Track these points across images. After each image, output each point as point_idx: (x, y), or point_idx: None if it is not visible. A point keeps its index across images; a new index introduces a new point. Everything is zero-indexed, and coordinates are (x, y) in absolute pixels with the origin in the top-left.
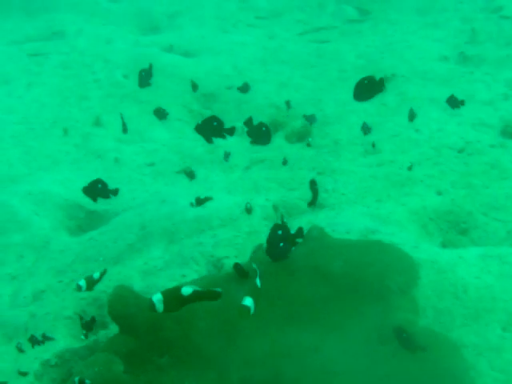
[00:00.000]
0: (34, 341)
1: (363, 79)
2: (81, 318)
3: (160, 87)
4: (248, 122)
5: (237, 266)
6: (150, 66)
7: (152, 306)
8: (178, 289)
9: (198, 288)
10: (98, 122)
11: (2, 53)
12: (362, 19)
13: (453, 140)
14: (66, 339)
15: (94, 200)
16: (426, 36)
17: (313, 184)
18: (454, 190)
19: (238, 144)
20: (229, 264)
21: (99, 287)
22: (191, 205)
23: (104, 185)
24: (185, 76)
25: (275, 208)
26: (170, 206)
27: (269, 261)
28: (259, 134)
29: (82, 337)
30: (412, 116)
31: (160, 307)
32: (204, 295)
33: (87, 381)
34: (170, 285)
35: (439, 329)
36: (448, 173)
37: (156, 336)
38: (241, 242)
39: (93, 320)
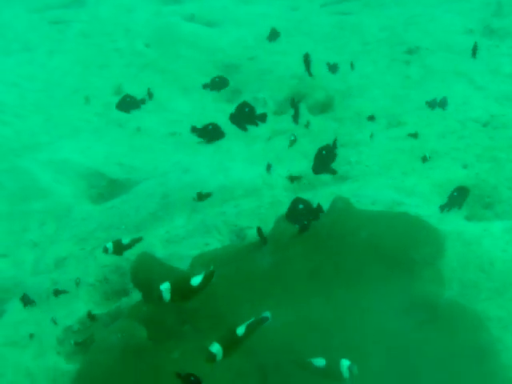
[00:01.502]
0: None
1: (321, 150)
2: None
3: (181, 57)
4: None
5: (259, 230)
6: None
7: (160, 295)
8: (187, 279)
9: (203, 274)
10: (119, 91)
11: (23, 20)
12: None
13: (478, 113)
14: (88, 306)
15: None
16: (451, 9)
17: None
18: (479, 164)
19: None
20: (251, 234)
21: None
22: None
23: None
24: (207, 46)
25: (298, 179)
26: (192, 175)
27: (291, 231)
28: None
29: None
30: (443, 104)
31: (167, 296)
32: (209, 279)
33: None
34: (193, 253)
35: (464, 301)
36: (473, 146)
37: (178, 304)
38: (263, 212)
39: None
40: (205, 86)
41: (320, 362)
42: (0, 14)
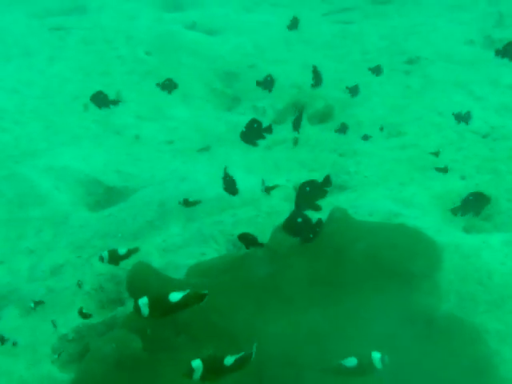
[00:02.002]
0: None
1: (305, 185)
2: None
3: (182, 65)
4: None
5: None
6: None
7: (137, 309)
8: (166, 294)
9: (186, 292)
10: (118, 99)
11: (23, 26)
12: (387, 0)
13: (477, 124)
14: (83, 314)
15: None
16: (452, 19)
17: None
18: (479, 175)
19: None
20: None
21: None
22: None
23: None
24: (208, 54)
25: (296, 189)
26: (189, 183)
27: (289, 241)
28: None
29: None
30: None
31: (145, 311)
32: (192, 300)
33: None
34: (189, 263)
35: (462, 314)
36: (472, 157)
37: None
38: (261, 222)
39: None
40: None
41: (351, 361)
42: (0, 19)
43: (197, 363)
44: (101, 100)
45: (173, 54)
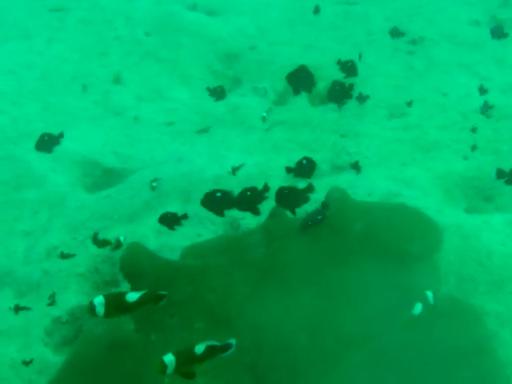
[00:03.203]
0: None
1: (283, 189)
2: None
3: (182, 46)
4: None
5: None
6: None
7: (92, 308)
8: (123, 294)
9: (143, 292)
10: (117, 80)
11: (23, 7)
12: None
13: (481, 105)
14: (77, 296)
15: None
16: None
17: None
18: (481, 156)
19: (259, 105)
20: (245, 224)
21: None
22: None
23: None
24: (208, 35)
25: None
26: (187, 165)
27: (286, 222)
28: None
29: None
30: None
31: (101, 311)
32: (149, 299)
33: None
34: (184, 244)
35: (461, 295)
36: (475, 138)
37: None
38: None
39: None
40: None
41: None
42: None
43: (169, 358)
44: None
45: (173, 35)
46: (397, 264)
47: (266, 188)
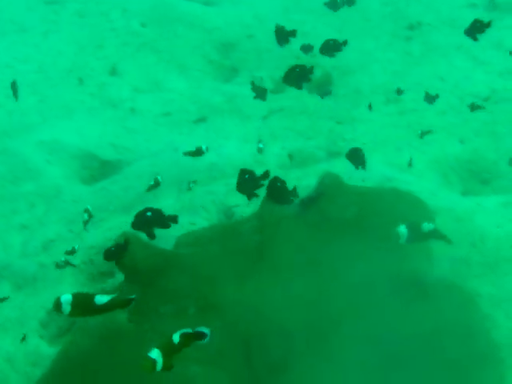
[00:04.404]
0: None
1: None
2: None
3: (179, 36)
4: None
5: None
6: None
7: (58, 305)
8: (91, 296)
9: (112, 296)
10: (114, 71)
11: (18, 0)
12: None
13: (478, 88)
14: (73, 288)
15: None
16: None
17: None
18: (478, 139)
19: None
20: (239, 212)
21: (107, 235)
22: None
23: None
24: (204, 25)
25: (290, 157)
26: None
27: (280, 209)
28: None
29: None
30: None
31: (66, 309)
32: (117, 304)
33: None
34: (178, 233)
35: (455, 278)
36: (472, 121)
37: (161, 284)
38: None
39: None
40: None
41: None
42: None
43: (156, 353)
44: None
45: (169, 25)
46: (390, 247)
47: (267, 174)
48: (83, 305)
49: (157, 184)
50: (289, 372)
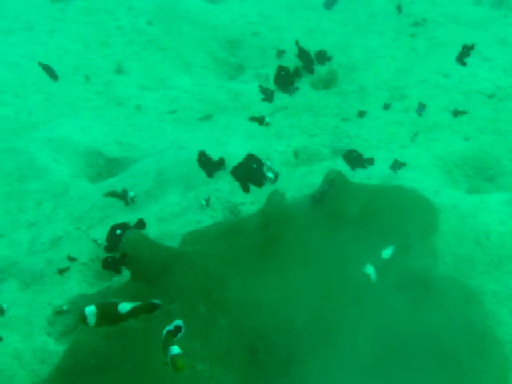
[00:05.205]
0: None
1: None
2: None
3: (184, 34)
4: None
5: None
6: None
7: (83, 318)
8: (115, 304)
9: (136, 303)
10: (119, 69)
11: None
12: None
13: (483, 85)
14: (80, 285)
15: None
16: None
17: None
18: (482, 136)
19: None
20: (245, 210)
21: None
22: None
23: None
24: (210, 22)
25: (295, 154)
26: (188, 152)
27: (285, 206)
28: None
29: None
30: None
31: (92, 320)
32: (142, 310)
33: None
34: (185, 230)
35: (458, 276)
36: (476, 118)
37: (167, 282)
38: (257, 188)
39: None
40: None
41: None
42: None
43: (177, 349)
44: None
45: (174, 23)
46: (394, 245)
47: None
48: (108, 315)
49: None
50: (296, 370)
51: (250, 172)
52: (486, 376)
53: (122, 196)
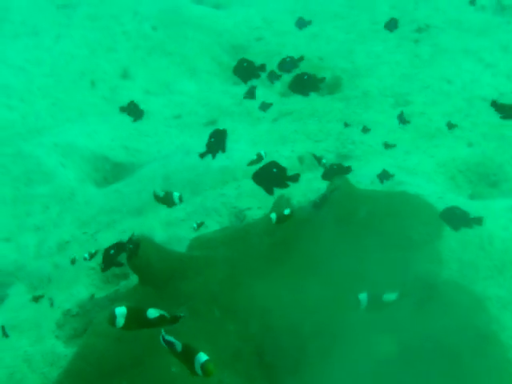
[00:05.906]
0: None
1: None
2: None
3: (189, 39)
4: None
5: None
6: None
7: (113, 318)
8: (144, 310)
9: (163, 312)
10: (125, 74)
11: (31, 4)
12: None
13: (486, 91)
14: (88, 289)
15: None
16: None
17: None
18: (485, 142)
19: (266, 97)
20: (251, 215)
21: (121, 237)
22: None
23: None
24: (215, 28)
25: (300, 159)
26: (194, 157)
27: (290, 211)
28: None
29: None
30: None
31: (120, 322)
32: (168, 319)
33: None
34: (191, 235)
35: (463, 280)
36: (480, 124)
37: (175, 287)
38: (264, 194)
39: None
40: None
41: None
42: None
43: (204, 356)
44: None
45: (179, 28)
46: (400, 250)
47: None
48: (137, 318)
49: None
50: (303, 374)
51: (271, 176)
52: (490, 380)
53: (166, 199)
